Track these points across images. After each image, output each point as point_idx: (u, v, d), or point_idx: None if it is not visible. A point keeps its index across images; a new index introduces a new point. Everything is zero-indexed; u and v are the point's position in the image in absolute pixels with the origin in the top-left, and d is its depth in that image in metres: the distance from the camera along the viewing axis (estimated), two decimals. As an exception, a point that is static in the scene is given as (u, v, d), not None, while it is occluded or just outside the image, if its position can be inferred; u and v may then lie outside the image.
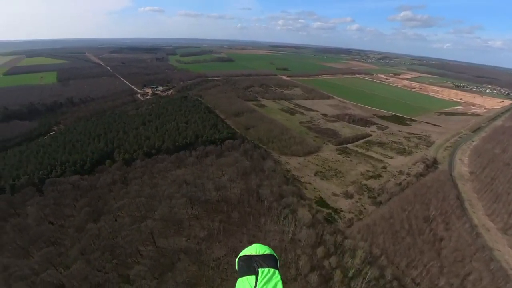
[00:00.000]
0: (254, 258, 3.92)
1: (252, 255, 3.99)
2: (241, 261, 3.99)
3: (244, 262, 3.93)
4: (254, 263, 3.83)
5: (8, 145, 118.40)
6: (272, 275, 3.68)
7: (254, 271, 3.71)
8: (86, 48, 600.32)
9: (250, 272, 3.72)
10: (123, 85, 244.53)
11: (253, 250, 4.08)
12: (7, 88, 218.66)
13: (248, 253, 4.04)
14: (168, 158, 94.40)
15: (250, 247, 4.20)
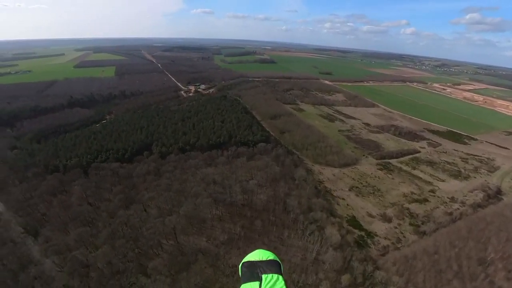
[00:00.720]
0: (257, 264, 3.83)
1: (256, 261, 3.90)
2: (244, 267, 3.90)
3: (248, 268, 3.84)
4: (257, 269, 3.75)
5: (69, 129, 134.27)
6: (276, 281, 3.58)
7: (258, 277, 3.63)
8: (142, 46, 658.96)
9: (253, 279, 3.63)
10: (169, 82, 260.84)
11: (256, 256, 4.01)
12: (75, 79, 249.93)
13: (251, 259, 3.96)
14: (200, 155, 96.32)
15: (253, 253, 4.11)
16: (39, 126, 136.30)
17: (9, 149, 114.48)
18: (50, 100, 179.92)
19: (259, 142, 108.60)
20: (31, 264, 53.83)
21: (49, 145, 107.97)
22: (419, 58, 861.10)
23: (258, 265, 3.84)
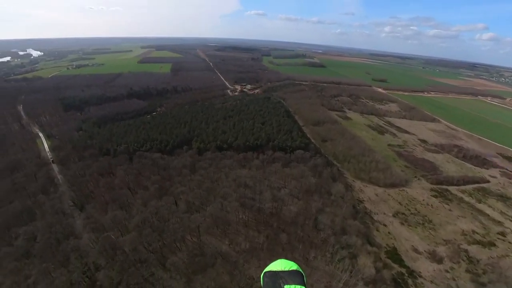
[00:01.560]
0: (279, 275, 3.73)
1: (278, 271, 3.80)
2: (266, 277, 3.80)
3: (270, 278, 3.74)
4: (279, 279, 3.66)
5: (124, 117, 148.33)
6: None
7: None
8: (198, 45, 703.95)
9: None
10: (218, 80, 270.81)
11: (278, 266, 3.90)
12: (136, 73, 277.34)
13: (273, 269, 3.86)
14: (235, 156, 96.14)
15: (275, 263, 4.00)
16: (101, 113, 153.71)
17: (76, 130, 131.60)
18: (114, 90, 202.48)
19: (297, 149, 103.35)
20: (71, 236, 59.48)
21: (105, 130, 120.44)
22: (496, 68, 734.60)
23: (281, 276, 3.69)
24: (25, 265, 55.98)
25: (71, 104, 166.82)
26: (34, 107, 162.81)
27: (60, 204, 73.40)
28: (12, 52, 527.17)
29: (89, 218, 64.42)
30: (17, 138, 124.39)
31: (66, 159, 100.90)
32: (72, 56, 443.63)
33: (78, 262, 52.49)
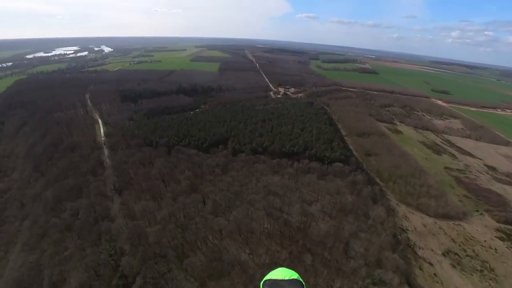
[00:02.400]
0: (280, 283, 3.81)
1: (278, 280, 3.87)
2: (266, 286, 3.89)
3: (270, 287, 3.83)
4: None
5: (170, 111, 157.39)
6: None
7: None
8: (247, 46, 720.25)
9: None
10: (262, 81, 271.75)
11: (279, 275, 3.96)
12: (187, 71, 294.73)
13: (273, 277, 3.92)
14: (269, 161, 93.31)
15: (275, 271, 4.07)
16: (151, 106, 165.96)
17: (127, 119, 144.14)
18: (165, 86, 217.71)
19: (336, 161, 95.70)
20: (106, 218, 63.82)
21: (151, 122, 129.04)
22: None
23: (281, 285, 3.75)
24: (66, 238, 61.96)
25: (128, 95, 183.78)
26: (98, 96, 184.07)
27: (103, 186, 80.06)
28: (89, 48, 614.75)
29: (124, 204, 68.70)
30: (81, 122, 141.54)
31: (116, 145, 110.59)
32: (135, 53, 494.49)
33: (108, 245, 55.89)
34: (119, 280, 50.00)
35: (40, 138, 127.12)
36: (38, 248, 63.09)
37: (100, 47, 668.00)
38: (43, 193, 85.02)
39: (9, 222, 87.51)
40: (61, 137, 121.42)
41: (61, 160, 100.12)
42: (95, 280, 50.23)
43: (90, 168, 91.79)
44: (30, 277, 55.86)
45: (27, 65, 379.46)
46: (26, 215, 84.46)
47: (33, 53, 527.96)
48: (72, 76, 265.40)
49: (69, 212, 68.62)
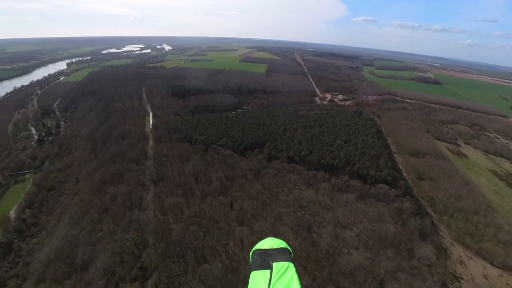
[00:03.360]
0: (268, 252, 3.91)
1: (267, 249, 3.97)
2: (255, 255, 3.96)
3: (259, 256, 3.90)
4: (268, 257, 3.84)
5: (214, 110, 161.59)
6: (287, 269, 3.65)
7: (269, 265, 3.71)
8: (297, 49, 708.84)
9: (264, 267, 3.71)
10: (308, 86, 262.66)
11: (267, 244, 4.06)
12: (236, 71, 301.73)
13: (262, 247, 4.02)
14: (304, 172, 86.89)
15: (264, 241, 4.15)
16: (197, 102, 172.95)
17: (174, 114, 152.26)
18: (213, 84, 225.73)
19: (381, 182, 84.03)
20: (138, 207, 66.20)
21: (194, 119, 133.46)
22: None
23: (270, 253, 3.86)
24: (103, 219, 66.11)
25: (178, 91, 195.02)
26: (152, 90, 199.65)
27: (142, 175, 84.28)
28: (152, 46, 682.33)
29: (156, 195, 70.72)
30: (134, 113, 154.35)
31: (160, 137, 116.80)
32: (191, 52, 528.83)
33: (134, 233, 57.48)
34: (138, 270, 50.74)
35: (100, 123, 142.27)
36: (80, 224, 68.85)
37: (162, 45, 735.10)
38: (93, 173, 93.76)
39: (66, 194, 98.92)
40: (116, 125, 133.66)
41: (112, 146, 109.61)
42: (118, 266, 51.90)
43: (134, 157, 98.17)
44: (68, 250, 60.88)
45: (101, 59, 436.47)
46: (78, 191, 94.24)
47: (107, 49, 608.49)
48: (134, 71, 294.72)
49: (110, 195, 73.49)
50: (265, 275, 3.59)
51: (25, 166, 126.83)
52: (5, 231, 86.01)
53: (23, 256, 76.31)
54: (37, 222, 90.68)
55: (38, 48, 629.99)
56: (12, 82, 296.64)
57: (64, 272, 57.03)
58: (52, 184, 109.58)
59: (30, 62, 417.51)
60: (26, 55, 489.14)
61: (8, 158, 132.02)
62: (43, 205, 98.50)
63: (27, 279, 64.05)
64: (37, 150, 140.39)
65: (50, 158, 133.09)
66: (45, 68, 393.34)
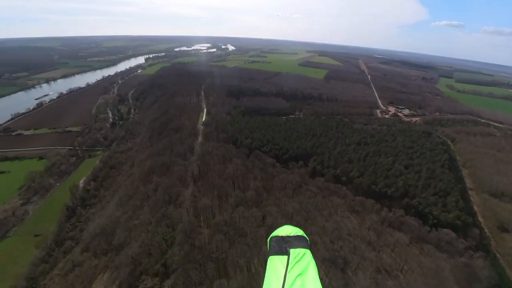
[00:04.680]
0: (286, 239, 4.01)
1: (284, 236, 4.07)
2: (272, 242, 4.06)
3: (276, 242, 4.00)
4: (286, 243, 3.93)
5: (265, 113, 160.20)
6: (304, 255, 3.75)
7: (286, 251, 3.80)
8: (362, 55, 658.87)
9: (282, 252, 3.80)
10: (370, 96, 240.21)
11: (285, 231, 4.16)
12: (292, 75, 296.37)
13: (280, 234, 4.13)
14: (350, 197, 76.98)
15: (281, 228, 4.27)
16: (250, 104, 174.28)
17: (226, 113, 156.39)
18: (267, 87, 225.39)
19: (446, 226, 67.97)
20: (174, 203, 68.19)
21: (243, 120, 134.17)
22: None
23: (287, 240, 3.95)
24: (142, 208, 70.29)
25: (233, 91, 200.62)
26: (210, 88, 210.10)
27: (185, 172, 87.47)
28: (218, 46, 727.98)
29: (193, 194, 71.93)
30: (190, 109, 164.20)
31: (208, 135, 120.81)
32: (252, 53, 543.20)
33: (165, 229, 58.92)
34: (161, 266, 51.59)
35: (160, 115, 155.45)
36: (124, 207, 74.90)
37: (227, 45, 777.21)
38: (145, 161, 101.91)
39: (122, 175, 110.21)
40: (173, 118, 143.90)
41: (165, 138, 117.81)
42: (145, 257, 53.82)
43: (182, 151, 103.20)
44: (109, 229, 66.52)
45: (173, 56, 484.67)
46: (131, 174, 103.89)
47: (179, 47, 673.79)
48: (198, 68, 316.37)
49: (153, 185, 78.10)
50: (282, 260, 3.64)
51: (98, 144, 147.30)
52: (73, 197, 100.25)
53: (81, 222, 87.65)
54: (96, 194, 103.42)
55: (125, 44, 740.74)
56: (102, 71, 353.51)
57: (103, 248, 62.52)
58: (114, 163, 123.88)
59: (118, 56, 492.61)
60: (115, 50, 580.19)
61: (87, 135, 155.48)
62: (104, 181, 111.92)
63: (78, 244, 72.82)
64: (109, 132, 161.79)
65: (118, 140, 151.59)
66: (128, 61, 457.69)
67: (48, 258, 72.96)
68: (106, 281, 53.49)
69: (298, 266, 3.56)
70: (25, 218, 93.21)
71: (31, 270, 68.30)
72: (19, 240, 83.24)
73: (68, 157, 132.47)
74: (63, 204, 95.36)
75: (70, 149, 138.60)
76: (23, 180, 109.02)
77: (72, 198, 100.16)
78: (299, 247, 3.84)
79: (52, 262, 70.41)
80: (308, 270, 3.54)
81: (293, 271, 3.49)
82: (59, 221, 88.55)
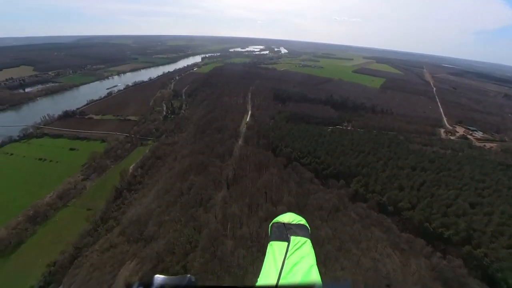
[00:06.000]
0: (287, 226, 4.04)
1: (286, 223, 4.10)
2: (274, 228, 4.11)
3: (277, 228, 4.04)
4: (287, 230, 3.95)
5: (310, 121, 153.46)
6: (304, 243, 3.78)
7: (287, 238, 3.82)
8: (428, 64, 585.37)
9: (282, 239, 3.82)
10: (433, 112, 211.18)
11: (287, 218, 4.21)
12: (345, 82, 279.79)
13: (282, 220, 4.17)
14: (396, 231, 65.78)
15: (284, 215, 4.31)
16: (295, 110, 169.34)
17: (269, 118, 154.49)
18: (317, 93, 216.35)
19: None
20: (203, 206, 68.58)
21: (286, 127, 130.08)
22: None
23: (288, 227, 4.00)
24: (175, 204, 72.48)
25: (280, 95, 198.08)
26: (257, 90, 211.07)
27: (220, 174, 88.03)
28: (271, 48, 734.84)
29: (223, 199, 71.38)
30: (235, 110, 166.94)
31: (248, 139, 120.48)
32: (304, 56, 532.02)
33: (191, 231, 59.23)
34: (181, 268, 51.66)
35: (207, 113, 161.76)
36: (159, 200, 78.59)
37: (279, 48, 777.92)
38: (186, 157, 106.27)
39: (165, 166, 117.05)
40: (217, 117, 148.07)
41: (208, 136, 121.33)
42: (168, 256, 54.77)
43: (221, 152, 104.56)
44: (143, 220, 70.30)
45: (227, 57, 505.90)
46: (172, 168, 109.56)
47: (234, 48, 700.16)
48: (249, 70, 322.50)
49: (188, 183, 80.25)
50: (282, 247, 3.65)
51: (150, 134, 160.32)
52: (122, 181, 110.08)
53: (124, 205, 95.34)
54: (141, 181, 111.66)
55: (186, 43, 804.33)
56: (164, 67, 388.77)
57: (135, 237, 66.25)
58: (160, 154, 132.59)
59: (178, 54, 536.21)
60: (177, 48, 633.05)
61: (143, 125, 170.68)
62: (150, 169, 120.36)
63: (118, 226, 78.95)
64: (161, 124, 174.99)
65: (167, 132, 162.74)
66: (187, 59, 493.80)
67: (93, 232, 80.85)
68: (131, 270, 56.23)
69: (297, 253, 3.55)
70: (83, 192, 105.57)
71: (79, 240, 76.42)
72: (75, 211, 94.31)
73: (124, 143, 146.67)
74: (113, 185, 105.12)
75: (127, 136, 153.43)
76: (86, 159, 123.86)
77: (121, 181, 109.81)
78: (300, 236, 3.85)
79: (96, 237, 77.78)
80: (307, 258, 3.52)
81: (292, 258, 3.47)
82: (107, 200, 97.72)
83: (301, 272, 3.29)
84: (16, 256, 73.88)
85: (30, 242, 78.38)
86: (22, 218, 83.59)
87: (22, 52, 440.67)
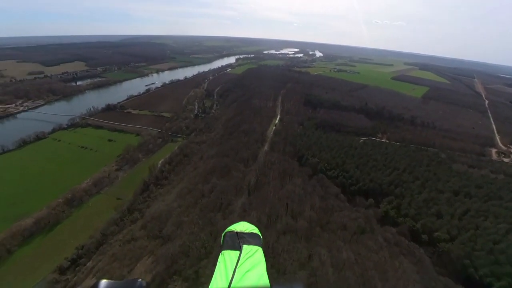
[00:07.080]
0: (240, 235, 4.10)
1: (238, 232, 4.16)
2: (226, 237, 4.16)
3: (230, 238, 4.10)
4: (239, 239, 4.01)
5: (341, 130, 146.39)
6: (256, 252, 3.85)
7: (239, 247, 3.88)
8: (480, 73, 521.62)
9: (234, 248, 3.89)
10: (484, 128, 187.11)
11: (240, 227, 4.28)
12: (382, 89, 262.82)
13: (234, 229, 4.24)
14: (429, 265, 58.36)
15: (237, 224, 4.39)
16: (326, 117, 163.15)
17: (298, 124, 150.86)
18: (350, 100, 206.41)
19: None
20: (222, 212, 68.09)
21: (314, 135, 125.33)
22: None
23: (241, 236, 4.06)
24: (195, 206, 73.06)
25: (311, 100, 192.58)
26: (288, 94, 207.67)
27: (242, 179, 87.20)
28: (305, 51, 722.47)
29: (243, 206, 70.25)
30: (264, 113, 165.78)
31: (275, 145, 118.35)
32: (340, 61, 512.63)
33: (207, 236, 58.94)
34: (193, 273, 51.40)
35: (235, 115, 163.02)
36: (180, 200, 79.93)
37: (314, 51, 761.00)
38: (211, 158, 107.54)
39: (191, 165, 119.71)
40: (245, 120, 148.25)
41: (234, 139, 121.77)
42: (182, 258, 55.02)
43: (245, 156, 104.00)
44: (164, 218, 71.92)
45: (260, 58, 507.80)
46: (197, 167, 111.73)
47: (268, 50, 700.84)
48: (281, 72, 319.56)
49: (210, 186, 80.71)
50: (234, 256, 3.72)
51: (180, 131, 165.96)
52: (150, 174, 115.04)
53: (150, 198, 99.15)
54: (167, 177, 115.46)
55: (222, 44, 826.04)
56: (199, 67, 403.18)
57: (155, 234, 68.04)
58: (188, 152, 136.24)
59: (214, 55, 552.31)
60: (213, 49, 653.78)
61: (174, 122, 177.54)
62: (177, 166, 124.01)
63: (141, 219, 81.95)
64: (192, 122, 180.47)
65: (196, 131, 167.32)
66: (221, 60, 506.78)
67: (119, 221, 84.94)
68: (147, 266, 57.71)
69: (249, 261, 3.62)
70: (115, 182, 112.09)
71: (106, 227, 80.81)
72: (106, 199, 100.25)
73: (156, 138, 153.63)
74: (142, 178, 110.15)
75: (159, 131, 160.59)
76: (122, 150, 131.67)
77: (149, 175, 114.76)
78: (252, 244, 3.91)
79: (121, 226, 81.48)
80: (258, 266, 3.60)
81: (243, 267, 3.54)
82: (135, 192, 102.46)
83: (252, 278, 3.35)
84: (52, 234, 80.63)
85: (65, 224, 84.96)
86: (61, 200, 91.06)
87: (77, 49, 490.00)
